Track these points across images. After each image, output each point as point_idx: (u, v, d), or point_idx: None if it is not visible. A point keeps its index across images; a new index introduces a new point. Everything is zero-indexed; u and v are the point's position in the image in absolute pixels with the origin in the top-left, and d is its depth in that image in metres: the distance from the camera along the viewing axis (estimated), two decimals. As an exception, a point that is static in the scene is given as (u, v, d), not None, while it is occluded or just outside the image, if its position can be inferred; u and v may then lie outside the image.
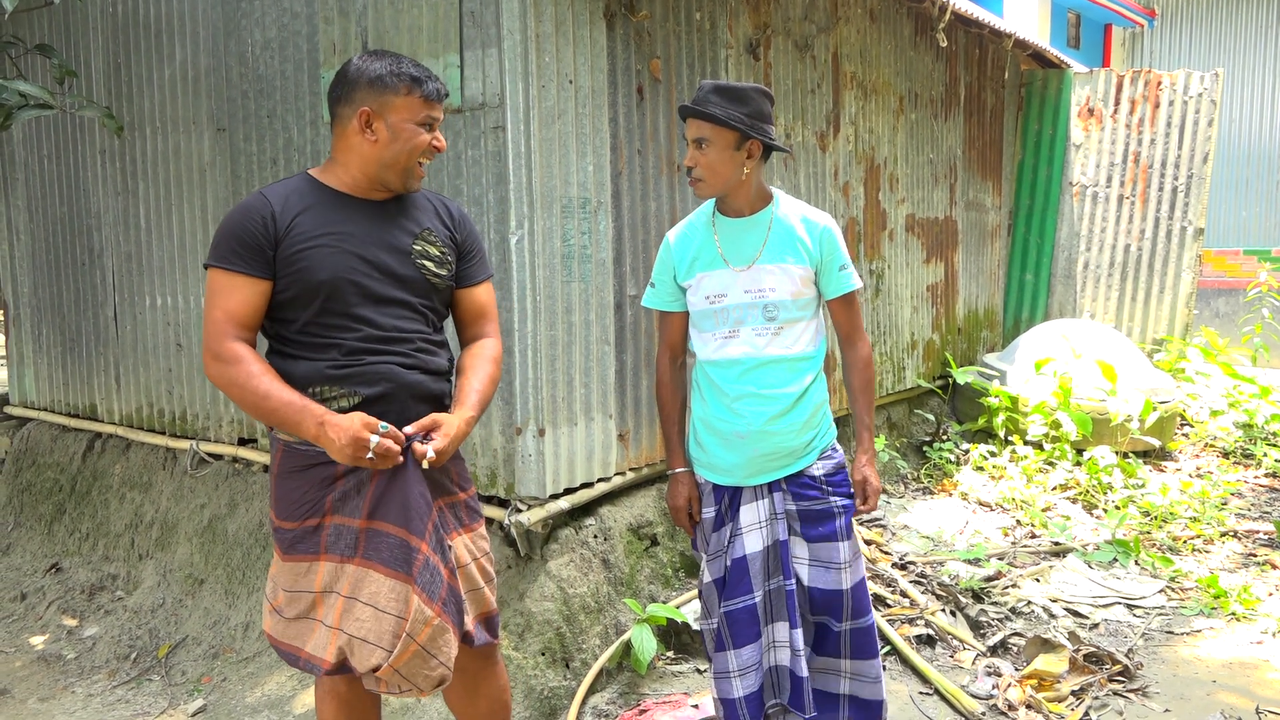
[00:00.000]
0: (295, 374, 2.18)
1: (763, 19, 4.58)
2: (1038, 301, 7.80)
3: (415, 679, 2.15)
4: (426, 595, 2.14)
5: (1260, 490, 5.57)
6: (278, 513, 2.26)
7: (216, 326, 2.13)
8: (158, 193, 4.65)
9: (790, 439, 2.68)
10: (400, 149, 2.22)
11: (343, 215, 2.23)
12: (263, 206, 2.18)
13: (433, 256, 2.32)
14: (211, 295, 2.17)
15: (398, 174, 2.25)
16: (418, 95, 2.22)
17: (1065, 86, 7.63)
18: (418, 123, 2.23)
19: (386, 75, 2.20)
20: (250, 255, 2.16)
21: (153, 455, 4.82)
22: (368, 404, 2.19)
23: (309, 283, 2.17)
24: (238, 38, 4.18)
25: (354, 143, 2.23)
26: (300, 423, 2.09)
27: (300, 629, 2.23)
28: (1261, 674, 3.40)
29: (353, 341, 2.20)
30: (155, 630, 4.11)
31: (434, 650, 2.14)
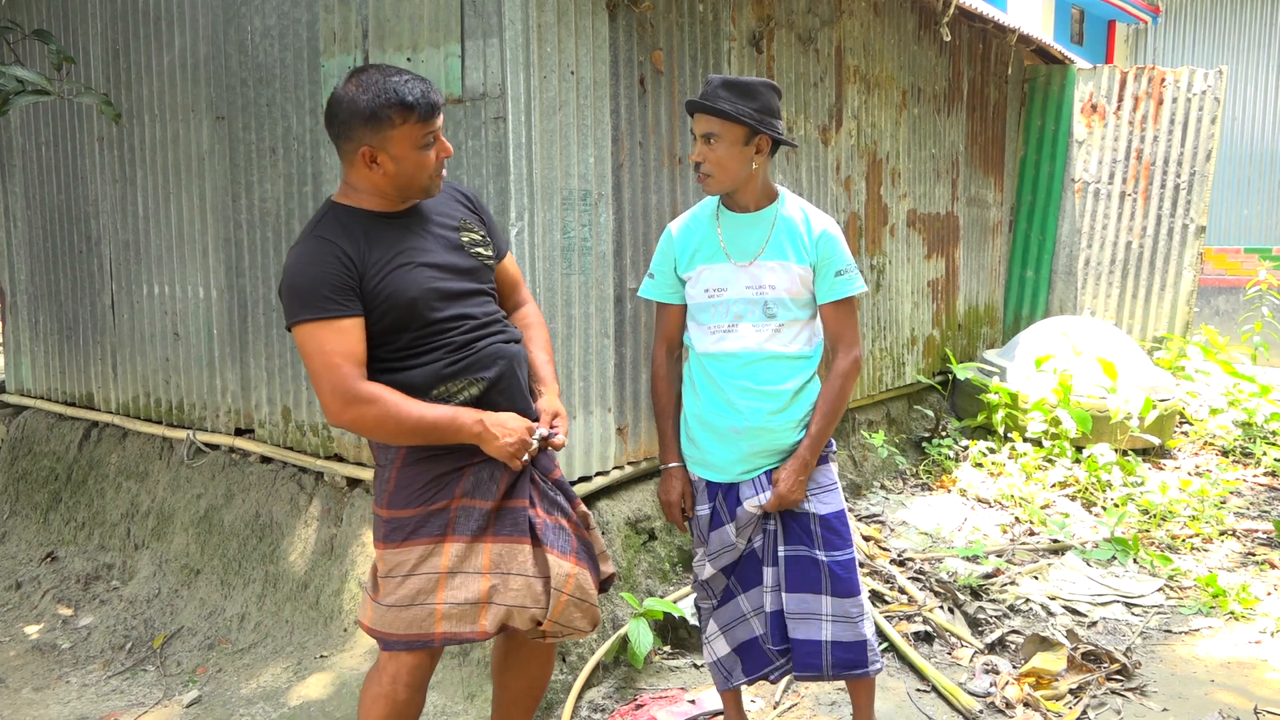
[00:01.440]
0: (413, 383, 2.24)
1: (766, 11, 4.56)
2: (1038, 298, 7.78)
3: (573, 623, 2.36)
4: (560, 551, 2.34)
5: (1259, 489, 5.56)
6: (393, 503, 2.30)
7: (340, 373, 2.14)
8: (156, 181, 4.62)
9: (785, 436, 2.66)
10: (409, 175, 2.25)
11: (396, 233, 2.29)
12: (332, 248, 2.19)
13: (479, 241, 2.43)
14: (319, 347, 2.14)
15: (417, 192, 2.31)
16: (412, 121, 2.19)
17: (1068, 82, 7.61)
18: (420, 146, 2.23)
19: (378, 109, 2.16)
20: (344, 296, 2.17)
21: (149, 445, 4.80)
22: (492, 385, 2.31)
23: (400, 305, 2.22)
24: (237, 25, 4.15)
25: (363, 175, 2.27)
26: (460, 429, 2.21)
27: (409, 615, 2.27)
28: (1259, 673, 3.39)
29: (458, 336, 2.29)
30: (151, 620, 4.10)
31: (582, 595, 2.36)
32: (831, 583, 2.64)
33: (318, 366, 2.15)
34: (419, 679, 2.37)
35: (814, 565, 2.64)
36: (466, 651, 3.42)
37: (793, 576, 2.65)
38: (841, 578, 2.64)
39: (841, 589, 2.64)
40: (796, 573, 2.65)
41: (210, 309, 4.46)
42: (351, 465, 3.93)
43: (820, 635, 2.63)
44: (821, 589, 2.64)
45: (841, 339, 2.70)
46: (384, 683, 2.35)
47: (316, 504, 4.04)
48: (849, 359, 2.69)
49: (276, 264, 4.10)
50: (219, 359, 4.45)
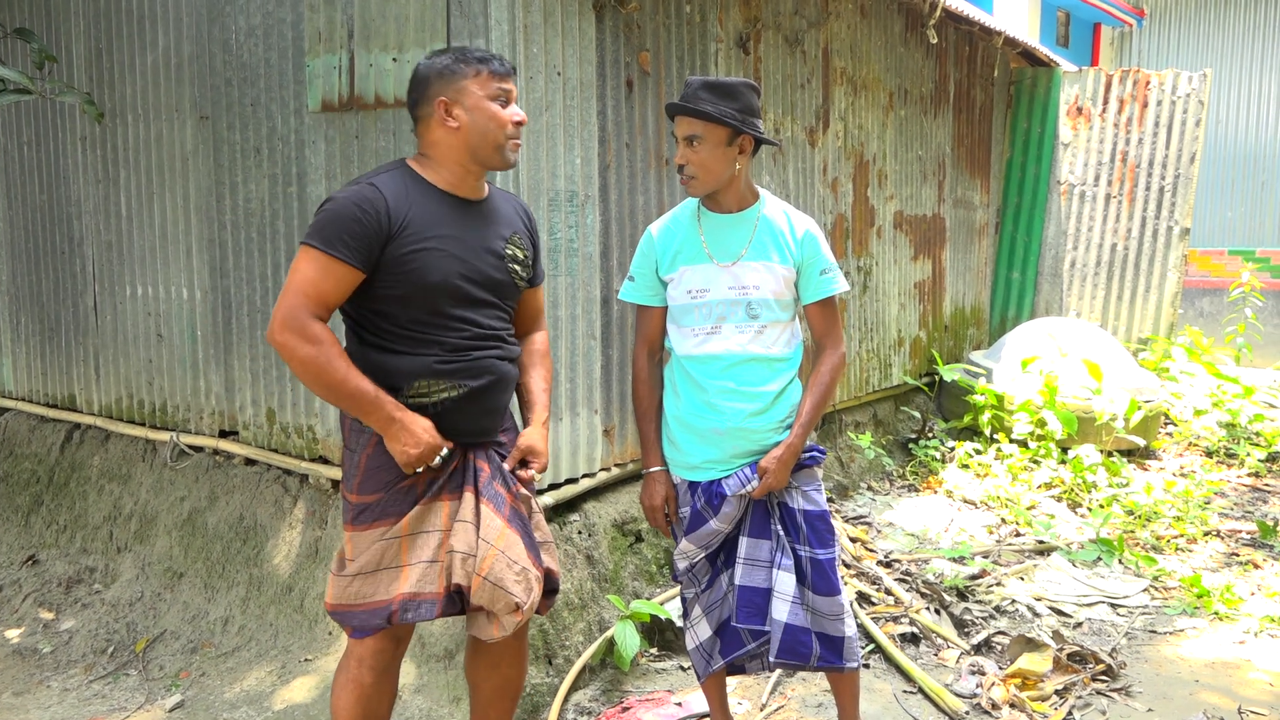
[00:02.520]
0: (398, 368, 2.27)
1: (753, 12, 4.55)
2: (1024, 300, 7.81)
3: (504, 583, 2.26)
4: (495, 507, 2.31)
5: (1243, 490, 5.60)
6: (362, 488, 2.32)
7: (302, 302, 2.16)
8: (139, 181, 4.59)
9: (767, 437, 2.66)
10: (483, 128, 2.28)
11: (448, 217, 2.30)
12: (377, 199, 2.21)
13: (520, 260, 2.44)
14: (302, 271, 2.19)
15: (490, 153, 2.31)
16: (486, 72, 2.28)
17: (1054, 85, 7.64)
18: (491, 98, 2.28)
19: (453, 63, 2.29)
20: (357, 245, 2.19)
21: (132, 447, 4.76)
22: (474, 394, 2.33)
23: (420, 284, 2.24)
24: (221, 24, 4.12)
25: (439, 135, 2.30)
26: (373, 410, 2.20)
27: (374, 582, 2.28)
28: (1243, 674, 3.41)
29: (456, 339, 2.31)
30: (133, 624, 4.06)
31: (514, 557, 2.29)
32: (813, 579, 2.64)
33: (291, 284, 2.19)
34: (384, 662, 2.41)
35: (796, 556, 2.65)
36: (452, 654, 3.40)
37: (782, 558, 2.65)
38: (822, 576, 2.64)
39: (822, 587, 2.64)
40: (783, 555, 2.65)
41: (194, 310, 4.42)
42: (336, 467, 3.91)
43: (804, 622, 2.63)
44: (804, 582, 2.64)
45: (827, 336, 2.72)
46: (350, 668, 2.41)
47: (301, 506, 4.01)
48: (836, 354, 2.72)
49: (261, 265, 4.08)
50: (203, 360, 4.42)
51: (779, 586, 2.63)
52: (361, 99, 3.65)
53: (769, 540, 2.67)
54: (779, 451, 2.62)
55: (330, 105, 3.75)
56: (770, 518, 2.68)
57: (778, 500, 2.68)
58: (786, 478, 2.63)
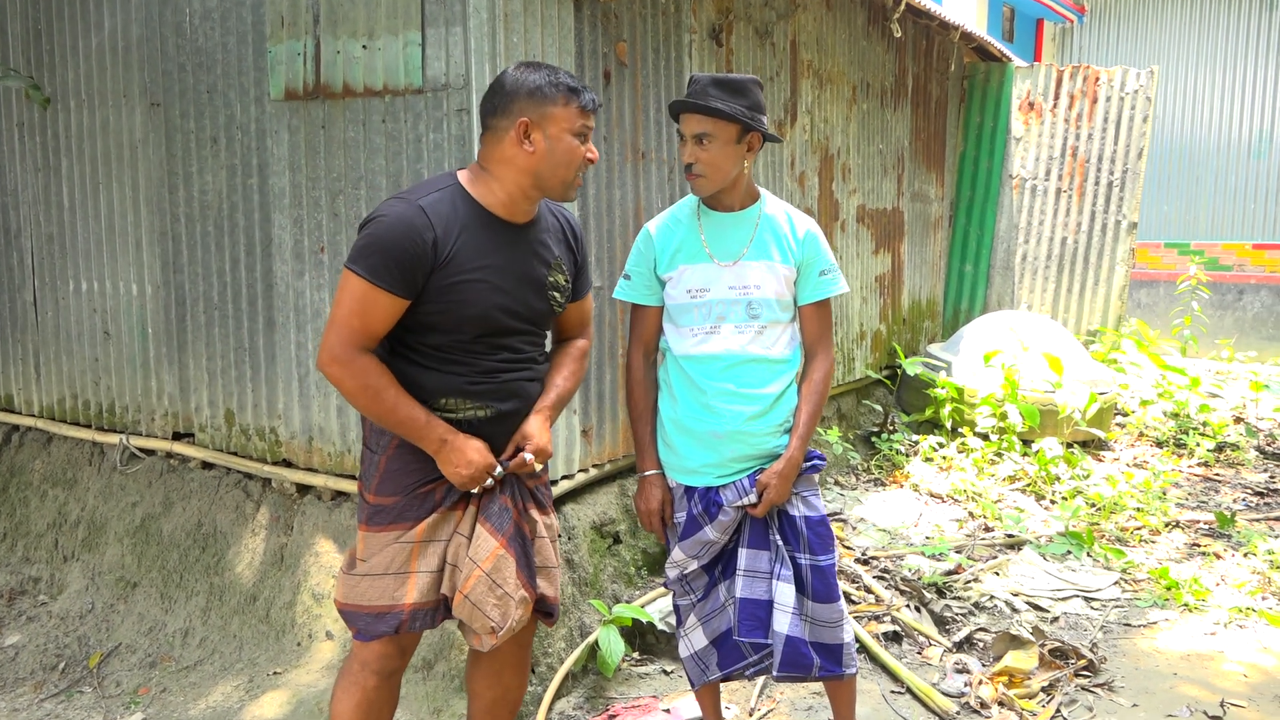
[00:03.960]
0: (426, 385, 2.23)
1: (725, 4, 4.49)
2: (977, 293, 7.90)
3: (483, 607, 2.22)
4: (493, 527, 2.26)
5: (1195, 479, 5.72)
6: (380, 489, 2.28)
7: (350, 334, 2.14)
8: (83, 170, 4.35)
9: (765, 441, 2.61)
10: (558, 161, 2.21)
11: (494, 244, 2.24)
12: (425, 228, 2.15)
13: (560, 287, 2.39)
14: (349, 301, 2.15)
15: (556, 186, 2.25)
16: (575, 105, 2.21)
17: (1006, 80, 7.72)
18: (574, 133, 2.22)
19: (545, 86, 2.20)
20: (404, 276, 2.13)
21: (77, 450, 4.53)
22: (501, 416, 2.30)
23: (460, 315, 2.21)
24: (174, 6, 3.92)
25: (510, 154, 2.21)
26: (424, 436, 2.19)
27: (380, 585, 2.25)
28: (1218, 665, 3.46)
29: (489, 362, 2.28)
30: (85, 638, 3.87)
31: (499, 580, 2.23)
32: (813, 587, 2.60)
33: (338, 315, 2.16)
34: (388, 667, 2.37)
35: (797, 565, 2.60)
36: (430, 665, 3.29)
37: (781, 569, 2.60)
38: (823, 583, 2.60)
39: (822, 594, 2.60)
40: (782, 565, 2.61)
41: (144, 306, 4.22)
42: (302, 471, 3.76)
43: (803, 634, 2.58)
44: (804, 590, 2.60)
45: (820, 341, 2.68)
46: (354, 670, 2.37)
47: (264, 512, 3.85)
48: (828, 360, 2.69)
49: (219, 259, 3.90)
50: (154, 359, 4.22)
51: (779, 598, 2.58)
52: (328, 87, 3.50)
53: (768, 551, 2.62)
54: (779, 466, 2.57)
55: (294, 93, 3.58)
56: (769, 528, 2.63)
57: (777, 509, 2.62)
58: (788, 492, 2.58)
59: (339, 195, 3.52)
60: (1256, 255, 11.13)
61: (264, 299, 3.79)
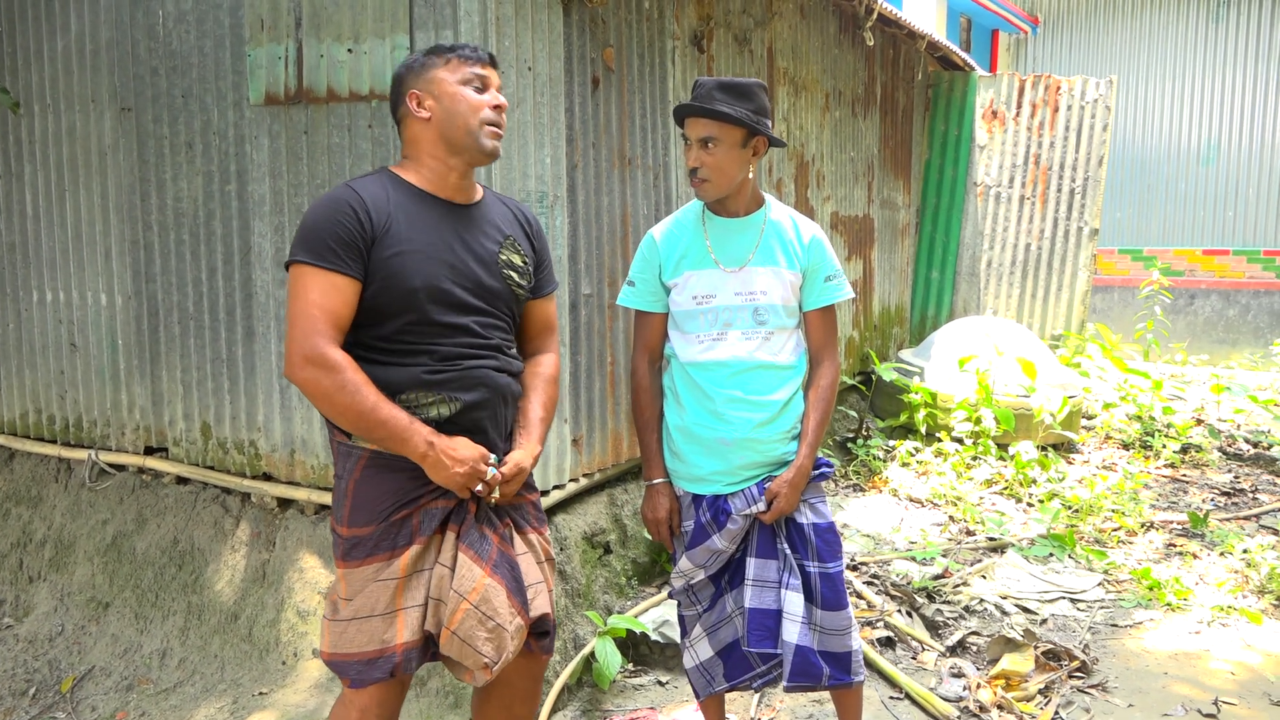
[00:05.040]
0: (384, 380, 2.09)
1: (706, 10, 4.48)
2: (943, 298, 7.99)
3: (474, 642, 2.09)
4: (475, 554, 2.12)
5: (1164, 480, 5.82)
6: (352, 520, 2.15)
7: (314, 327, 2.02)
8: (48, 177, 4.22)
9: (774, 448, 2.59)
10: (455, 112, 2.15)
11: (431, 219, 2.17)
12: (355, 202, 2.09)
13: (516, 266, 2.28)
14: (304, 293, 2.04)
15: (462, 138, 2.15)
16: (455, 58, 2.18)
17: (970, 89, 7.82)
18: (465, 82, 2.16)
19: (423, 56, 2.21)
20: (348, 253, 2.06)
21: (42, 466, 4.38)
22: (467, 409, 2.16)
23: (400, 289, 2.10)
24: (146, 9, 3.81)
25: (415, 131, 2.19)
26: (407, 440, 2.05)
27: (372, 627, 2.10)
28: (1205, 664, 3.51)
29: (448, 347, 2.15)
30: (55, 661, 3.73)
31: (490, 612, 2.10)
32: (822, 595, 2.58)
33: (294, 312, 2.04)
34: (389, 711, 2.23)
35: (805, 573, 2.58)
36: (424, 681, 3.22)
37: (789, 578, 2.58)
38: (832, 590, 2.58)
39: (831, 602, 2.58)
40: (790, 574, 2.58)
41: (114, 317, 4.09)
42: (283, 485, 3.66)
43: (812, 643, 2.56)
44: (812, 598, 2.58)
45: (826, 347, 2.67)
46: (352, 717, 2.21)
47: (245, 527, 3.75)
48: (834, 367, 2.68)
49: (195, 268, 3.79)
50: (125, 372, 4.09)
51: (788, 607, 2.55)
52: (311, 92, 3.42)
53: (776, 560, 2.60)
54: (790, 474, 2.55)
55: (275, 98, 3.50)
56: (777, 537, 2.60)
57: (785, 517, 2.60)
58: (797, 500, 2.56)
59: (323, 202, 3.43)
60: (1206, 260, 11.41)
61: (243, 308, 3.69)
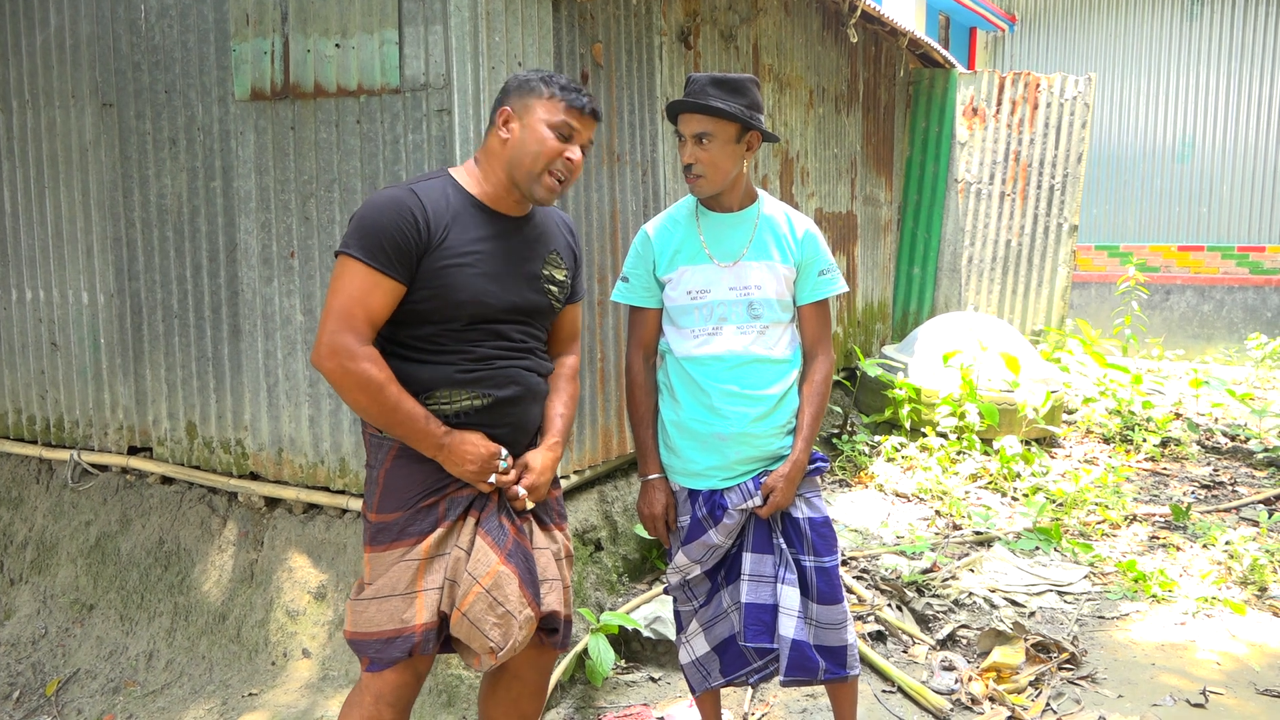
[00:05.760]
0: (419, 378, 2.16)
1: (693, 6, 4.48)
2: (925, 294, 8.03)
3: (482, 626, 2.13)
4: (493, 541, 2.18)
5: (1144, 474, 5.88)
6: (382, 506, 2.21)
7: (350, 321, 2.07)
8: (27, 174, 4.16)
9: (770, 442, 2.59)
10: (527, 150, 2.17)
11: (485, 232, 2.21)
12: (416, 208, 2.12)
13: (557, 281, 2.35)
14: (347, 287, 2.09)
15: (524, 178, 2.19)
16: (559, 98, 2.19)
17: (951, 86, 7.87)
18: (552, 125, 2.18)
19: (536, 80, 2.21)
20: (400, 258, 2.10)
21: (23, 467, 4.32)
22: (499, 405, 2.22)
23: (449, 301, 2.15)
24: (127, 3, 3.77)
25: (492, 144, 2.23)
26: (424, 436, 2.12)
27: (392, 606, 2.15)
28: (1191, 654, 3.54)
29: (483, 349, 2.21)
30: (39, 664, 3.68)
31: (500, 598, 2.14)
32: (818, 589, 2.59)
33: (334, 303, 2.09)
34: (403, 698, 2.25)
35: (801, 567, 2.59)
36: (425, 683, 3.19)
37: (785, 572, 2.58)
38: (827, 584, 2.59)
39: (826, 596, 2.59)
40: (786, 569, 2.59)
41: (96, 316, 4.04)
42: (270, 484, 3.63)
43: (808, 637, 2.57)
44: (808, 592, 2.58)
45: (820, 341, 2.67)
46: (366, 704, 2.24)
47: (232, 527, 3.71)
48: (829, 361, 2.68)
49: (179, 265, 3.75)
50: (108, 371, 4.04)
51: (784, 602, 2.56)
52: (298, 87, 3.39)
53: (772, 555, 2.60)
54: (785, 469, 2.55)
55: (261, 93, 3.47)
56: (773, 532, 2.61)
57: (781, 512, 2.61)
58: (793, 496, 2.57)
59: (310, 198, 3.41)
60: (1181, 257, 11.53)
61: (228, 306, 3.66)
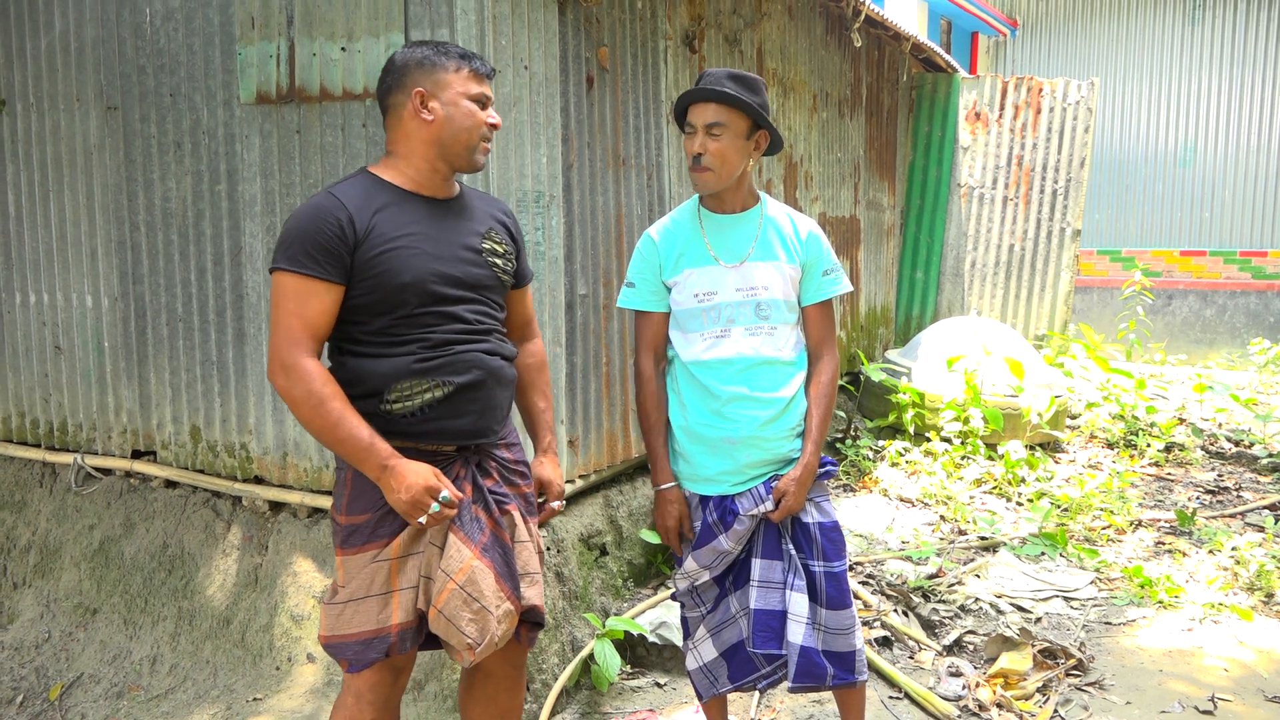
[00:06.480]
0: (378, 372, 2.13)
1: (697, 10, 4.48)
2: (928, 299, 8.02)
3: (459, 623, 2.12)
4: (466, 536, 2.16)
5: (1149, 479, 5.86)
6: (350, 508, 2.18)
7: (290, 335, 2.06)
8: (31, 177, 4.15)
9: (781, 445, 2.58)
10: (459, 126, 2.17)
11: (415, 215, 2.19)
12: (337, 208, 2.11)
13: (499, 254, 2.31)
14: (283, 301, 2.08)
15: (460, 153, 2.20)
16: (467, 70, 2.19)
17: (954, 91, 7.87)
18: (471, 97, 2.19)
19: (435, 55, 2.19)
20: (328, 260, 2.08)
21: (26, 471, 4.30)
22: (461, 392, 2.17)
23: (391, 286, 2.12)
24: (132, 7, 3.76)
25: (411, 128, 2.18)
26: (364, 460, 2.07)
27: (364, 609, 2.15)
28: (1199, 660, 3.53)
29: (438, 334, 2.17)
30: (43, 668, 3.66)
31: (475, 593, 2.13)
32: (826, 593, 2.57)
33: (276, 318, 2.09)
34: (383, 695, 2.25)
35: (810, 573, 2.58)
36: (421, 685, 3.19)
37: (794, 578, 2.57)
38: (836, 589, 2.58)
39: (835, 600, 2.58)
40: (795, 575, 2.57)
41: (100, 319, 4.03)
42: (275, 488, 3.62)
43: (816, 643, 2.56)
44: (817, 597, 2.57)
45: (825, 342, 2.66)
46: (349, 704, 2.25)
47: (236, 531, 3.70)
48: (834, 362, 2.67)
49: (184, 269, 3.74)
50: (112, 374, 4.03)
51: (793, 608, 2.54)
52: (304, 90, 3.39)
53: (781, 561, 2.59)
54: (796, 473, 2.54)
55: (266, 97, 3.46)
56: (782, 537, 2.59)
57: (791, 517, 2.59)
58: (804, 499, 2.55)
59: (316, 202, 3.40)
60: (1184, 261, 11.52)
61: (233, 309, 3.65)
